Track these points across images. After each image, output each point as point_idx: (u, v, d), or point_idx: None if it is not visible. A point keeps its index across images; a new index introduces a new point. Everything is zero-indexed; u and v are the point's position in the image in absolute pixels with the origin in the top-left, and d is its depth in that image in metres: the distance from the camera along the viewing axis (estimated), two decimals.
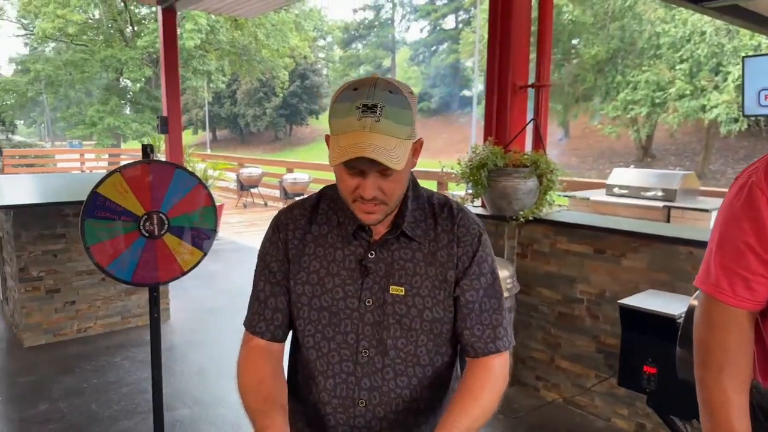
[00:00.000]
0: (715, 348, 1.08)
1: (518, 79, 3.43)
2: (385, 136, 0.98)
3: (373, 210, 1.06)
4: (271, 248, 1.19)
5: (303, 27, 21.82)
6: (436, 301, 1.13)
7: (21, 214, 3.90)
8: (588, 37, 21.38)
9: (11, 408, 3.16)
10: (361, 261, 1.13)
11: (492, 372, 1.13)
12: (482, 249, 1.16)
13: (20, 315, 4.02)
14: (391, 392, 1.15)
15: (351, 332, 1.13)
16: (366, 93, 0.99)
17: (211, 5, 7.42)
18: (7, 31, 63.04)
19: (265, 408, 1.07)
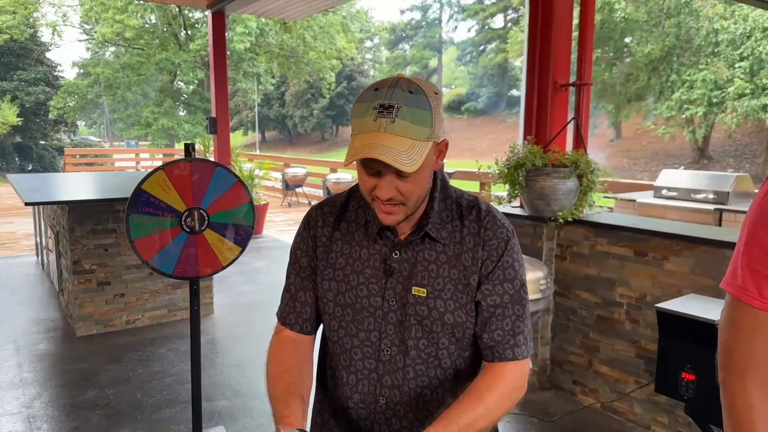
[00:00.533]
0: (739, 352, 1.04)
1: (559, 77, 3.38)
2: (399, 137, 0.97)
3: (392, 211, 1.06)
4: (301, 243, 1.21)
5: (350, 29, 21.98)
6: (458, 305, 1.11)
7: (75, 210, 4.09)
8: (641, 34, 20.72)
9: (63, 393, 3.33)
10: (386, 260, 1.13)
11: (505, 378, 1.11)
12: (509, 254, 1.12)
13: (73, 306, 4.22)
14: (411, 392, 1.14)
15: (374, 330, 1.14)
16: (385, 93, 0.99)
17: (259, 8, 7.59)
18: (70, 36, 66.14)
19: (286, 397, 1.10)
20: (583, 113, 3.34)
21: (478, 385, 1.09)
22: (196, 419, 2.64)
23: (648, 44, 20.16)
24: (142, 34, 20.45)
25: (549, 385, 3.42)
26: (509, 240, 1.13)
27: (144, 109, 22.92)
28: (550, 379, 3.43)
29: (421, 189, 1.06)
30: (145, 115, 21.70)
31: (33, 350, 3.93)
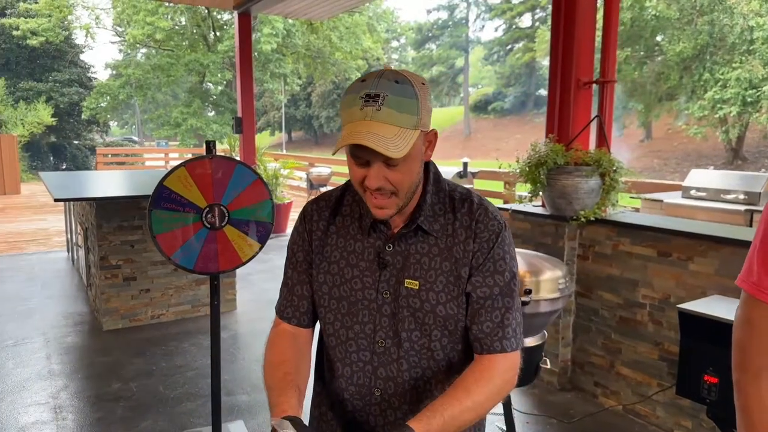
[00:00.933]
0: (753, 350, 1.02)
1: (582, 75, 3.33)
2: (385, 125, 0.97)
3: (383, 204, 1.06)
4: (297, 238, 1.22)
5: (375, 29, 22.03)
6: (450, 297, 1.11)
7: (103, 207, 4.19)
8: (673, 32, 20.29)
9: (88, 385, 3.41)
10: (380, 253, 1.13)
11: (493, 370, 1.10)
12: (499, 246, 1.12)
13: (100, 300, 4.32)
14: (405, 383, 1.15)
15: (368, 323, 1.14)
16: (371, 83, 0.99)
17: (284, 9, 7.66)
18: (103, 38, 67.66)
19: (281, 386, 1.11)
20: (606, 111, 3.29)
21: (467, 377, 1.09)
22: (216, 412, 2.68)
23: (680, 42, 19.73)
24: (172, 35, 20.82)
25: (570, 387, 3.37)
26: (500, 232, 1.12)
27: (173, 109, 23.33)
28: (571, 381, 3.38)
29: (410, 179, 1.06)
30: (174, 115, 22.08)
31: (61, 343, 4.04)
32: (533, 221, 3.49)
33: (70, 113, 22.30)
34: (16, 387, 3.33)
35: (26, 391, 3.29)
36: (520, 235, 3.57)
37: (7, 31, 19.55)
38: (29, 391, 3.29)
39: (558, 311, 2.40)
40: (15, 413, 3.02)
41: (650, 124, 25.65)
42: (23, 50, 20.48)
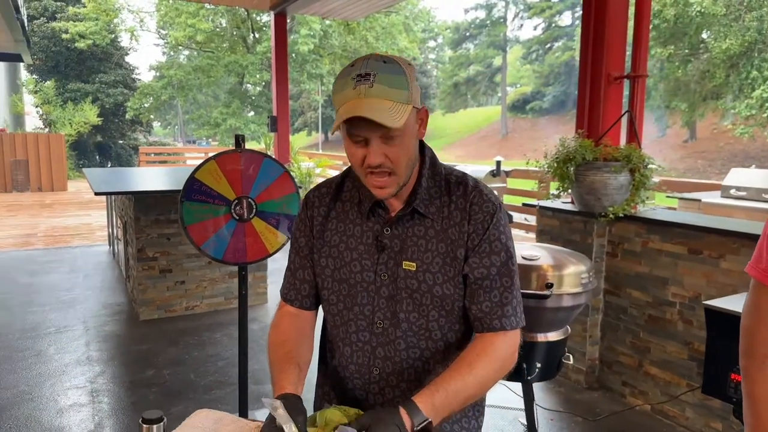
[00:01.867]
0: (761, 337, 1.01)
1: (613, 70, 3.28)
2: (379, 99, 1.01)
3: (383, 183, 1.09)
4: (300, 224, 1.27)
5: (412, 29, 22.04)
6: (447, 278, 1.14)
7: (141, 201, 4.34)
8: (719, 29, 19.64)
9: (125, 372, 3.54)
10: (378, 237, 1.17)
11: (494, 347, 1.12)
12: (494, 227, 1.14)
13: (138, 291, 4.47)
14: (403, 362, 1.18)
15: (368, 304, 1.18)
16: (360, 65, 1.04)
17: (319, 8, 7.76)
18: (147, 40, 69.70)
19: (282, 364, 1.15)
20: (637, 106, 3.23)
21: (468, 354, 1.12)
22: (242, 400, 2.75)
23: (726, 39, 19.10)
24: (212, 37, 21.30)
25: (597, 386, 3.33)
26: (495, 213, 1.15)
27: (213, 109, 23.85)
28: (598, 380, 3.34)
29: (407, 155, 1.09)
30: (214, 115, 22.58)
31: (100, 331, 4.20)
32: (562, 218, 3.45)
33: (115, 113, 23.04)
34: (57, 371, 3.48)
35: (66, 375, 3.44)
36: (548, 232, 3.55)
37: (57, 34, 20.34)
38: (69, 375, 3.44)
39: (581, 306, 2.38)
40: (55, 395, 3.16)
41: (694, 123, 24.89)
42: (72, 53, 21.26)
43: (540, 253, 2.35)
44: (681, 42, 21.16)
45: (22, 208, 10.63)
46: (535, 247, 2.47)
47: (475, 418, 1.27)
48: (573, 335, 3.38)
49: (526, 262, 2.31)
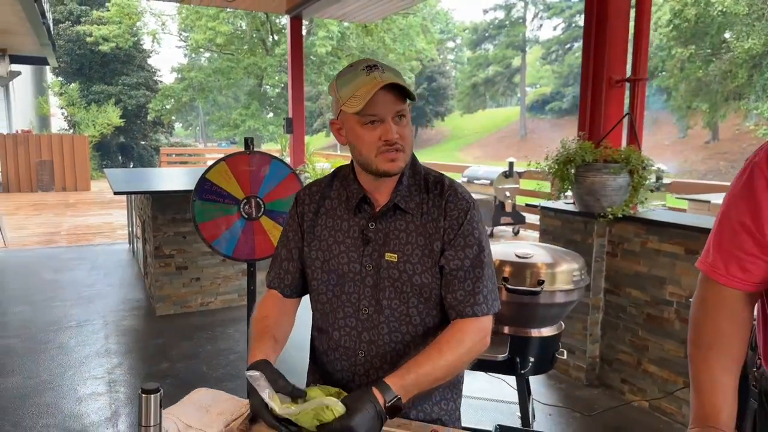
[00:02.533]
0: (705, 327, 1.08)
1: (614, 73, 3.34)
2: (396, 77, 1.18)
3: (396, 157, 1.21)
4: (290, 220, 1.39)
5: (429, 30, 22.12)
6: (425, 268, 1.25)
7: (158, 200, 4.50)
8: (742, 28, 19.39)
9: (141, 364, 3.70)
10: (363, 231, 1.28)
11: (464, 333, 1.22)
12: (468, 223, 1.25)
13: (154, 288, 4.64)
14: (385, 346, 1.28)
15: (354, 292, 1.29)
16: (364, 62, 1.20)
17: (334, 12, 7.90)
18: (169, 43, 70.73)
19: (258, 336, 1.28)
20: (637, 109, 3.29)
21: (440, 339, 1.22)
22: None
23: (749, 39, 18.86)
24: (232, 40, 21.62)
25: (597, 383, 3.39)
26: (468, 211, 1.26)
27: (233, 111, 24.18)
28: (598, 377, 3.40)
29: (411, 136, 1.25)
30: (234, 117, 22.91)
31: (118, 325, 4.37)
32: (563, 218, 3.52)
33: (138, 115, 23.48)
34: (77, 363, 3.65)
35: (85, 366, 3.60)
36: (550, 232, 3.62)
37: (82, 37, 20.83)
38: (88, 366, 3.60)
39: (573, 303, 2.46)
40: (75, 385, 3.33)
41: (716, 124, 24.55)
42: (96, 55, 21.73)
43: (533, 252, 2.44)
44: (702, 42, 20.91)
45: (47, 207, 10.95)
46: (530, 245, 2.55)
47: (453, 401, 1.38)
48: (574, 333, 3.46)
49: (520, 260, 2.40)
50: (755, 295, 1.07)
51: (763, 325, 1.11)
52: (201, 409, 1.20)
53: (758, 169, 1.00)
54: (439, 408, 1.34)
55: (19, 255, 6.80)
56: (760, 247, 0.99)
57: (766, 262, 1.00)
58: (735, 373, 1.07)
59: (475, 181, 8.55)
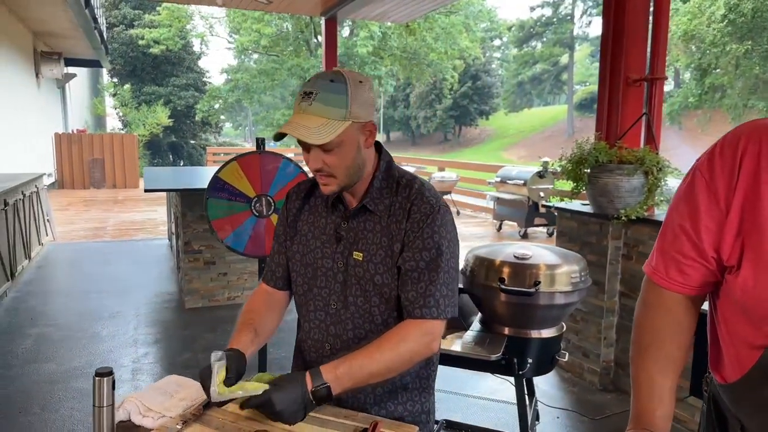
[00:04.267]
0: (645, 328, 1.09)
1: (632, 72, 3.28)
2: (313, 117, 1.18)
3: (325, 182, 1.26)
4: (281, 216, 1.47)
5: (472, 28, 21.94)
6: (386, 268, 1.28)
7: (187, 197, 4.68)
8: None
9: (165, 354, 3.87)
10: (337, 229, 1.34)
11: (408, 334, 1.24)
12: (429, 226, 1.26)
13: (184, 281, 4.82)
14: (350, 341, 1.33)
15: (324, 287, 1.35)
16: (311, 83, 1.21)
17: (368, 13, 7.98)
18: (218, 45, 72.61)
19: (240, 327, 1.36)
20: (655, 109, 3.22)
21: (383, 336, 1.26)
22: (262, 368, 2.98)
23: None
24: (278, 41, 22.05)
25: (612, 388, 3.33)
26: (430, 215, 1.27)
27: (276, 111, 24.66)
28: (613, 382, 3.34)
29: (345, 163, 1.24)
30: (277, 117, 23.36)
31: (149, 317, 4.57)
32: (579, 220, 3.48)
33: (187, 115, 24.27)
34: (106, 351, 3.85)
35: (114, 354, 3.79)
36: (566, 233, 3.58)
37: (134, 40, 21.68)
38: (116, 355, 3.79)
39: (574, 304, 2.44)
40: None
41: None
42: (147, 57, 22.59)
43: (532, 252, 2.43)
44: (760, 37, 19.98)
45: (96, 203, 11.48)
46: (531, 246, 2.54)
47: (420, 403, 1.39)
48: (588, 336, 3.41)
49: (518, 260, 2.40)
50: (698, 299, 1.07)
51: (710, 333, 1.11)
52: (165, 394, 1.27)
53: (699, 173, 0.98)
54: (403, 408, 1.37)
55: (66, 248, 7.17)
56: (698, 250, 0.98)
57: (703, 266, 0.98)
58: (672, 375, 1.07)
59: (508, 181, 8.47)
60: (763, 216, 0.88)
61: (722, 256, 0.94)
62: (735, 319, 0.98)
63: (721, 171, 0.92)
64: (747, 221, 0.90)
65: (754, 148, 0.90)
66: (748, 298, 0.91)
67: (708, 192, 0.94)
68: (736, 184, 0.90)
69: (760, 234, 0.88)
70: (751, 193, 0.89)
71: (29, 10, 9.17)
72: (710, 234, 0.95)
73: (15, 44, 9.85)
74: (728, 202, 0.91)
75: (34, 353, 3.78)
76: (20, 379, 3.40)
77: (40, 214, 6.79)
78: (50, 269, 6.16)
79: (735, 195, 0.91)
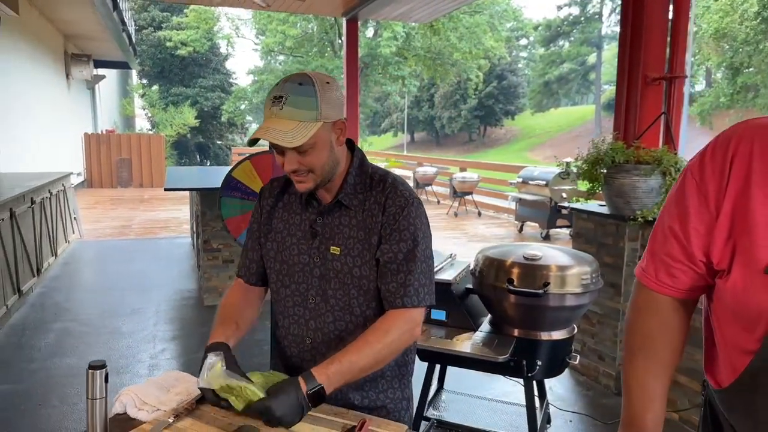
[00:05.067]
0: (634, 331, 1.07)
1: (651, 71, 3.22)
2: (285, 120, 1.20)
3: (302, 180, 1.28)
4: (254, 212, 1.48)
5: (497, 28, 21.77)
6: (364, 261, 1.31)
7: (206, 196, 4.74)
8: None
9: (183, 351, 3.93)
10: (312, 225, 1.36)
11: (392, 323, 1.28)
12: (404, 219, 1.30)
13: (203, 279, 4.89)
14: (330, 333, 1.35)
15: (302, 282, 1.37)
16: (279, 87, 1.23)
17: (389, 13, 7.99)
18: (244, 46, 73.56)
19: (221, 321, 1.40)
20: (674, 108, 3.16)
21: (368, 330, 1.28)
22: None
23: None
24: (303, 42, 22.21)
25: None
26: (405, 207, 1.31)
27: None
28: None
29: (321, 161, 1.27)
30: None
31: (168, 314, 4.64)
32: (596, 221, 3.42)
33: (213, 116, 24.62)
34: (125, 347, 3.92)
35: (132, 350, 3.87)
36: (583, 234, 3.52)
37: (162, 42, 22.07)
38: (134, 350, 3.87)
39: (585, 306, 2.40)
40: (119, 367, 3.58)
41: None
42: (175, 59, 22.98)
43: (543, 253, 2.40)
44: None
45: (123, 202, 11.71)
46: (542, 247, 2.51)
47: (400, 389, 1.43)
48: (604, 339, 3.36)
49: (527, 261, 2.37)
50: (689, 302, 1.05)
51: (706, 337, 1.08)
52: (162, 388, 1.29)
53: (690, 174, 0.96)
54: (384, 396, 1.41)
55: (92, 246, 7.33)
56: (686, 254, 0.96)
57: (692, 269, 0.97)
58: (663, 378, 1.05)
59: (530, 182, 8.39)
60: (753, 218, 0.85)
61: (712, 259, 0.92)
62: (727, 323, 0.96)
63: (712, 173, 0.90)
64: (738, 224, 0.87)
65: (746, 148, 0.87)
66: (737, 302, 0.90)
67: (698, 194, 0.92)
68: (727, 185, 0.88)
69: (750, 237, 0.85)
70: (742, 195, 0.86)
71: (59, 12, 9.42)
72: (699, 237, 0.93)
73: (47, 46, 10.11)
74: (718, 204, 0.89)
75: (55, 347, 3.87)
76: (41, 372, 3.49)
77: (67, 212, 6.96)
78: (75, 266, 6.31)
79: (725, 197, 0.88)
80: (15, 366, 3.57)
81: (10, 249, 4.43)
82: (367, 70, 20.60)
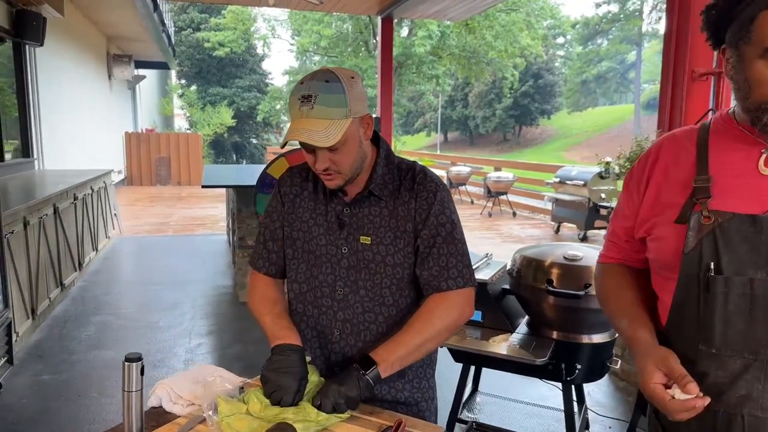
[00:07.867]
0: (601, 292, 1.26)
1: (697, 66, 3.10)
2: (317, 120, 1.19)
3: (331, 179, 1.28)
4: (273, 201, 1.46)
5: (533, 26, 21.45)
6: (397, 249, 1.31)
7: (242, 193, 4.79)
8: None
9: (217, 345, 3.97)
10: (339, 216, 1.35)
11: (445, 304, 1.29)
12: (438, 203, 1.31)
13: (239, 275, 4.94)
14: (360, 325, 1.34)
15: (330, 273, 1.35)
16: (306, 86, 1.21)
17: (424, 11, 7.96)
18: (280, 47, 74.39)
19: (276, 319, 1.36)
20: (722, 104, 3.03)
21: (422, 312, 1.28)
22: None
23: None
24: (337, 42, 22.32)
25: None
26: (437, 192, 1.32)
27: None
28: None
29: (351, 158, 1.26)
30: None
31: (204, 309, 4.71)
32: None
33: (249, 115, 24.99)
34: (162, 341, 3.99)
35: (168, 344, 3.93)
36: None
37: (201, 43, 22.49)
38: (171, 344, 3.92)
39: None
40: (155, 361, 3.64)
41: None
42: (213, 60, 23.40)
43: (583, 254, 2.33)
44: None
45: (162, 199, 11.97)
46: (582, 247, 2.44)
47: (426, 379, 1.42)
48: None
49: (568, 262, 2.30)
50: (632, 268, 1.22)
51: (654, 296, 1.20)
52: (197, 383, 1.29)
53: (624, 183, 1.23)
54: (411, 386, 1.39)
55: (131, 242, 7.50)
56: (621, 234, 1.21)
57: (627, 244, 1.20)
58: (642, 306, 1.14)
59: (567, 181, 8.21)
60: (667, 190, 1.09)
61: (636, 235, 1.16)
62: (657, 273, 1.13)
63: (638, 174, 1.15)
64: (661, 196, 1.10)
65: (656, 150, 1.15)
66: (659, 250, 1.09)
67: (627, 192, 1.19)
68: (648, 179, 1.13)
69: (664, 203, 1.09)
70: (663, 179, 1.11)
71: (102, 14, 9.67)
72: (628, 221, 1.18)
73: (90, 48, 10.41)
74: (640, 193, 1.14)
75: (95, 340, 3.96)
76: (81, 364, 3.57)
77: (107, 208, 7.14)
78: (115, 261, 6.47)
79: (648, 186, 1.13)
80: (56, 357, 3.67)
81: (54, 243, 4.55)
82: (401, 69, 20.56)
